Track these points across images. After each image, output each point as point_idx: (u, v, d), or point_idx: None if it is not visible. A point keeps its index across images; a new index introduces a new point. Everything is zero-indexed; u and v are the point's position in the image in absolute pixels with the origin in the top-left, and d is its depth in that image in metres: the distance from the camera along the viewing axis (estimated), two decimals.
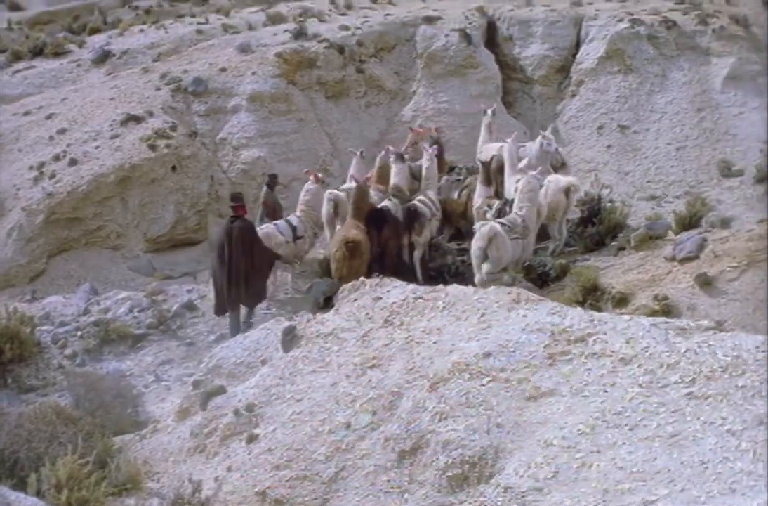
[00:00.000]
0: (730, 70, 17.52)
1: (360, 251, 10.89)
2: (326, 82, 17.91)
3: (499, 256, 10.36)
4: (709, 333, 5.25)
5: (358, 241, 10.92)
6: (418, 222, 11.99)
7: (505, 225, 10.53)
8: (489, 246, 10.27)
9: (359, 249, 10.89)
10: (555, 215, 11.78)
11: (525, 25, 19.36)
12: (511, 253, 10.56)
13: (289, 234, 12.18)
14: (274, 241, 11.83)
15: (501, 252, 10.34)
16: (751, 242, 9.02)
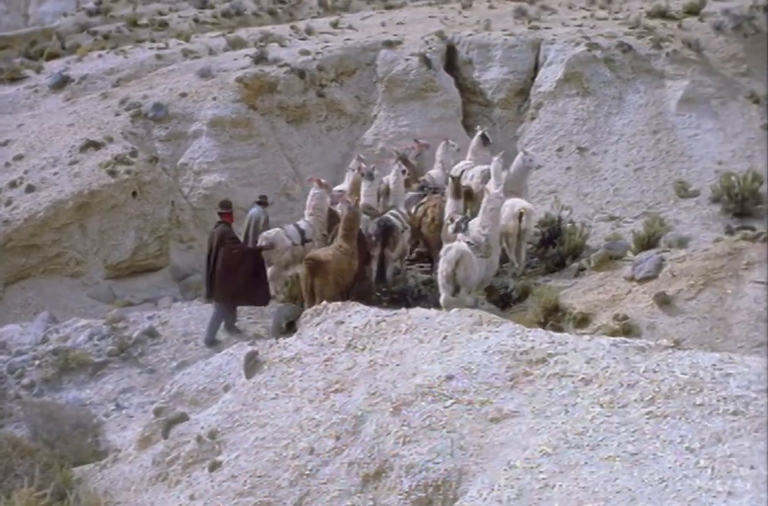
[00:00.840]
0: (684, 93, 17.86)
1: (324, 271, 10.76)
2: (287, 107, 17.98)
3: (467, 276, 10.36)
4: (667, 352, 5.29)
5: (320, 260, 10.82)
6: (392, 236, 12.18)
7: (471, 244, 10.57)
8: (457, 267, 10.26)
9: (321, 268, 10.76)
10: (509, 239, 11.91)
11: (484, 49, 19.62)
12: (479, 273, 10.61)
13: (298, 238, 12.60)
14: (281, 245, 12.34)
15: (469, 272, 10.36)
16: (707, 261, 9.15)
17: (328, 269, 10.83)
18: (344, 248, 11.16)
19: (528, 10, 22.57)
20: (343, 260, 11.05)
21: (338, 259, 11.01)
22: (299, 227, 12.84)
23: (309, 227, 12.84)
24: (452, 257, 10.23)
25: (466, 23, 21.87)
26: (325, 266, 10.81)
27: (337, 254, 11.06)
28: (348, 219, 11.35)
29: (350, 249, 11.18)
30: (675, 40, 19.25)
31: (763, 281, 8.70)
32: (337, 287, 10.97)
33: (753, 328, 8.29)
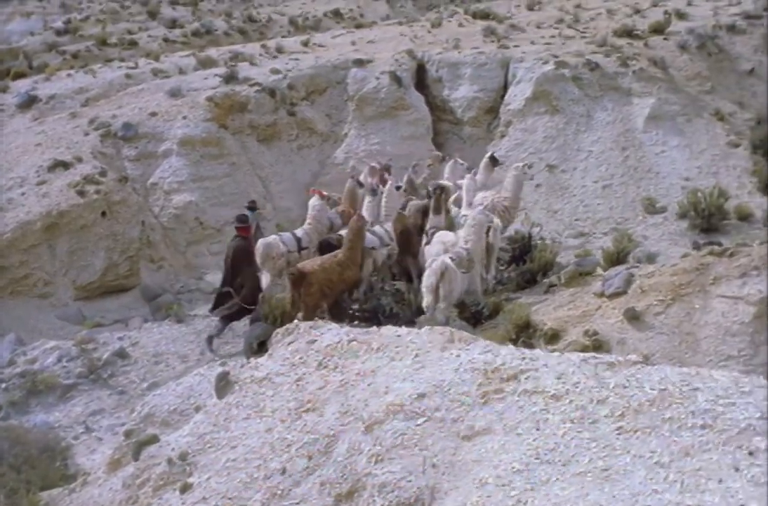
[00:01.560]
0: (650, 111, 18.08)
1: (307, 282, 10.85)
2: (258, 126, 17.97)
3: (451, 290, 10.50)
4: (636, 367, 5.33)
5: (302, 271, 10.90)
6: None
7: (453, 259, 10.70)
8: (441, 280, 10.42)
9: (304, 279, 10.85)
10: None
11: (454, 67, 19.77)
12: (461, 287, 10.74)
13: (294, 245, 12.80)
14: (276, 251, 12.44)
15: (452, 286, 10.50)
16: (675, 277, 9.23)
17: (311, 279, 10.91)
18: (340, 259, 11.28)
19: (497, 29, 22.80)
20: (334, 271, 11.13)
21: (326, 269, 11.10)
22: (296, 234, 13.05)
23: (306, 235, 13.04)
24: (437, 269, 10.38)
25: (435, 42, 22.03)
26: (308, 277, 10.90)
27: (326, 265, 11.17)
28: (353, 231, 11.44)
29: (347, 261, 11.29)
30: (641, 58, 19.52)
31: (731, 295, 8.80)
32: (324, 298, 11.13)
33: (720, 342, 8.36)
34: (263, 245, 12.45)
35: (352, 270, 11.42)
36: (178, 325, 12.91)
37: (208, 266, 15.49)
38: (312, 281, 10.94)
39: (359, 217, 11.78)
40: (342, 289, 11.50)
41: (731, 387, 4.72)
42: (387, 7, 40.95)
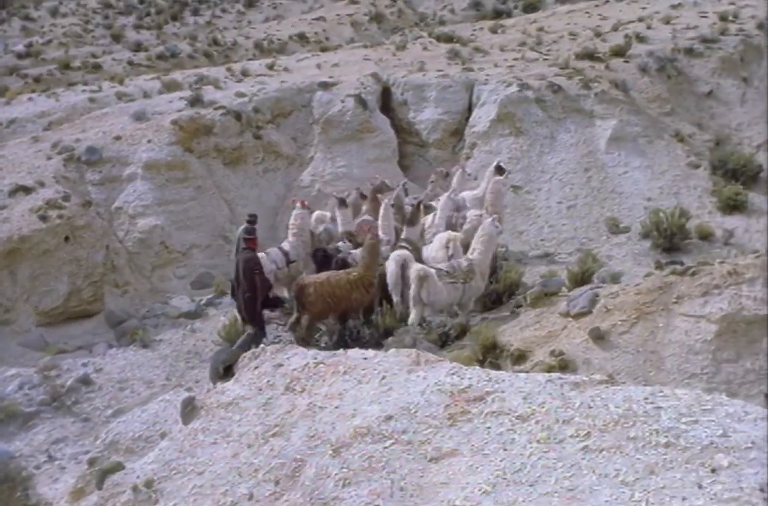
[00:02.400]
0: (612, 132, 18.32)
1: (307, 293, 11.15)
2: (223, 149, 17.93)
3: (432, 300, 10.97)
4: (601, 387, 5.37)
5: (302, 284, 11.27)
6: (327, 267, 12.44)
7: (443, 270, 11.10)
8: (421, 289, 10.83)
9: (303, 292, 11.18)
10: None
11: (419, 90, 19.93)
12: (447, 296, 11.11)
13: (282, 260, 13.03)
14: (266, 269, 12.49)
15: (432, 296, 10.91)
16: (639, 296, 9.33)
17: (310, 290, 11.16)
18: (352, 278, 11.39)
19: (461, 52, 23.08)
20: (342, 287, 11.26)
21: (332, 283, 11.27)
22: (282, 249, 13.23)
23: (292, 248, 13.25)
24: (415, 278, 10.85)
25: (400, 65, 22.22)
26: (307, 287, 11.19)
27: (333, 279, 11.35)
28: (368, 250, 11.56)
29: (358, 281, 11.38)
30: (603, 80, 19.82)
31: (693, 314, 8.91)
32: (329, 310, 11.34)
33: (684, 360, 8.45)
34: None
35: (363, 291, 11.44)
36: (144, 350, 12.78)
37: (174, 290, 15.38)
38: (310, 291, 11.17)
39: (374, 236, 11.80)
40: (349, 307, 11.51)
41: (694, 405, 4.77)
42: (352, 31, 41.26)
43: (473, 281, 11.38)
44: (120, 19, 44.83)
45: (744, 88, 20.83)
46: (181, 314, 14.12)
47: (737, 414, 4.63)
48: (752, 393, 8.14)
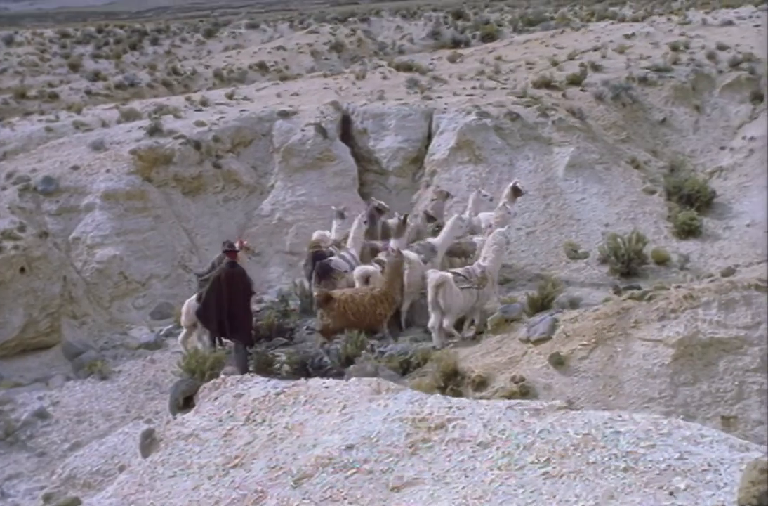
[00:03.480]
0: (570, 159, 18.58)
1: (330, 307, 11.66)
2: (183, 178, 17.85)
3: (448, 304, 11.38)
4: (561, 412, 5.40)
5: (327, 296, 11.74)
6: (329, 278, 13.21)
7: (460, 275, 11.66)
8: (437, 293, 11.33)
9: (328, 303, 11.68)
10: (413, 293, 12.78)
11: (378, 118, 20.05)
12: (462, 301, 11.58)
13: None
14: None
15: (448, 300, 11.36)
16: (598, 321, 9.43)
17: (333, 306, 11.69)
18: (375, 293, 11.95)
19: (420, 81, 23.33)
20: (368, 302, 11.81)
21: (355, 298, 11.82)
22: None
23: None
24: (433, 282, 11.34)
25: (360, 93, 22.38)
26: (332, 302, 11.72)
27: (357, 295, 11.89)
28: (391, 266, 12.14)
29: (382, 295, 11.94)
30: (560, 108, 20.14)
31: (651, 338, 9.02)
32: (349, 326, 11.67)
33: (642, 384, 8.55)
34: (186, 307, 12.85)
35: (387, 306, 11.99)
36: (102, 382, 12.58)
37: (134, 320, 15.20)
38: (334, 306, 11.72)
39: (397, 252, 12.30)
40: (374, 321, 12.00)
41: (651, 429, 4.82)
42: (312, 60, 41.57)
43: (486, 287, 12.04)
44: (78, 49, 44.71)
45: (696, 116, 21.31)
46: (141, 345, 13.97)
47: (694, 437, 4.69)
48: (709, 415, 8.25)
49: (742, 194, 18.11)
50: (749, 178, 18.41)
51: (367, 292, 11.97)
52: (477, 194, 16.09)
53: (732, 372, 8.52)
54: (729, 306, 9.02)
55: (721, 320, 8.88)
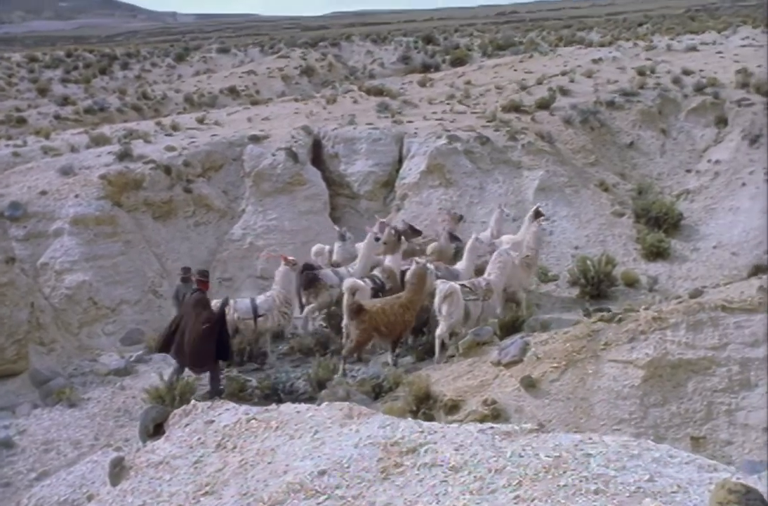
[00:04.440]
0: (539, 182, 18.79)
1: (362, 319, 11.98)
2: (153, 203, 17.75)
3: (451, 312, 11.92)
4: (532, 435, 5.42)
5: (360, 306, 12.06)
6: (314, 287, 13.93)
7: (466, 287, 12.25)
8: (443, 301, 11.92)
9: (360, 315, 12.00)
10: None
11: (349, 142, 20.16)
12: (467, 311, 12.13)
13: (248, 311, 13.23)
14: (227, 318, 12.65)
15: (452, 309, 11.89)
16: (568, 343, 9.48)
17: (365, 318, 11.98)
18: (402, 301, 12.30)
19: (391, 105, 23.52)
20: (395, 313, 12.14)
21: (386, 309, 12.12)
22: (254, 301, 13.50)
23: (264, 302, 13.42)
24: (442, 292, 11.94)
25: (331, 118, 22.49)
26: (364, 314, 12.00)
27: (387, 306, 12.19)
28: (416, 275, 12.46)
29: (408, 303, 12.30)
30: (529, 132, 20.38)
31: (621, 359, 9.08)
32: (379, 337, 12.15)
33: (613, 406, 8.59)
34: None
35: (412, 312, 12.36)
36: (71, 410, 12.39)
37: (103, 347, 15.01)
38: (366, 319, 11.99)
39: (423, 264, 12.71)
40: (403, 329, 12.35)
41: (621, 451, 4.85)
42: (283, 84, 41.72)
43: (491, 299, 12.57)
44: (46, 73, 44.52)
45: (663, 139, 21.66)
46: (110, 372, 13.78)
47: (663, 458, 4.72)
48: (679, 436, 8.31)
49: (708, 216, 18.40)
50: (715, 200, 18.71)
51: (395, 301, 12.38)
52: (499, 212, 16.36)
53: (701, 393, 8.60)
54: (697, 327, 9.12)
55: (689, 341, 8.98)
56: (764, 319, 8.94)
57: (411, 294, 12.42)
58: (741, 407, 8.40)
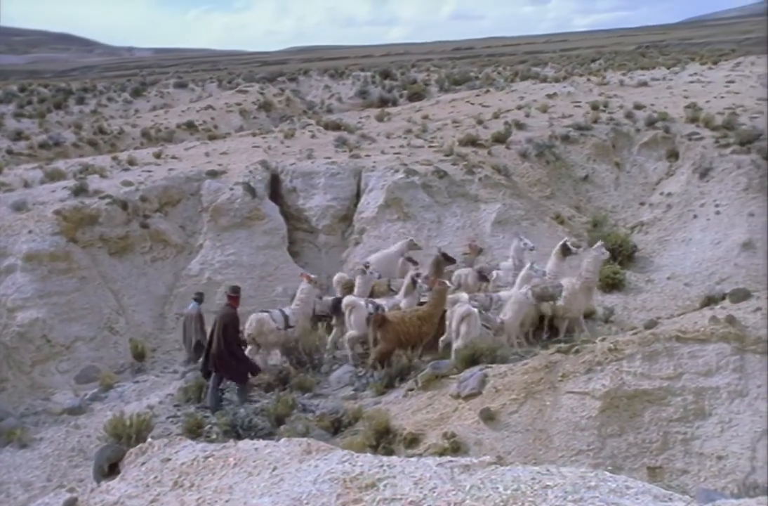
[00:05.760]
0: (497, 215, 18.99)
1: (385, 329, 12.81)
2: (109, 239, 17.60)
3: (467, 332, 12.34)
4: (491, 468, 5.41)
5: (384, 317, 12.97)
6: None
7: (483, 313, 12.80)
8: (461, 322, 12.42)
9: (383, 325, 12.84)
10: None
11: (308, 177, 20.22)
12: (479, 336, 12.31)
13: (282, 322, 13.95)
14: (266, 327, 13.83)
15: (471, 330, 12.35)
16: (527, 375, 9.53)
17: (389, 328, 12.79)
18: (421, 314, 13.12)
19: (349, 139, 23.67)
20: (413, 324, 12.91)
21: (406, 322, 12.93)
22: (284, 312, 14.16)
23: (293, 314, 14.16)
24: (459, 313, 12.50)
25: (289, 152, 22.56)
26: (387, 325, 12.82)
27: (407, 318, 13.04)
28: (437, 292, 13.22)
29: (426, 316, 13.06)
30: (486, 166, 20.64)
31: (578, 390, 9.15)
32: (400, 346, 12.64)
33: (571, 437, 8.62)
34: (256, 321, 13.80)
35: (429, 325, 13.02)
36: (22, 450, 12.09)
37: (57, 385, 14.71)
38: (389, 329, 12.78)
39: (443, 282, 13.51)
40: (419, 340, 13.00)
41: (578, 482, 4.86)
42: (241, 119, 41.81)
43: (501, 337, 12.91)
44: None
45: (617, 172, 22.07)
46: (65, 411, 13.51)
47: (619, 489, 4.74)
48: (636, 466, 8.36)
49: (662, 247, 18.72)
50: (668, 232, 19.06)
51: (414, 314, 13.22)
52: (518, 241, 16.43)
53: (657, 423, 8.67)
54: (652, 358, 9.23)
55: (645, 371, 9.07)
56: (717, 349, 9.08)
57: (430, 308, 13.18)
58: (696, 436, 8.49)
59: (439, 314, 13.27)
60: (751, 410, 8.56)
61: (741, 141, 20.46)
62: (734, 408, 8.62)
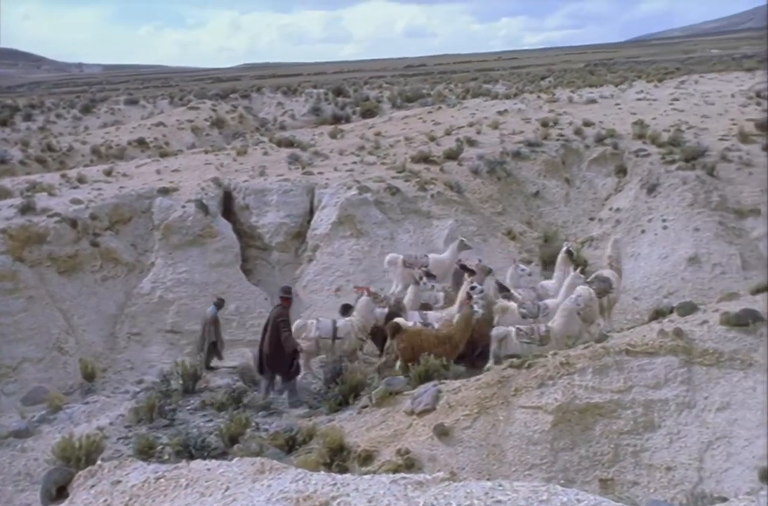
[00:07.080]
0: (449, 231, 19.12)
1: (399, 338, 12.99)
2: (58, 258, 17.32)
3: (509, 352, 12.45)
4: (444, 484, 5.42)
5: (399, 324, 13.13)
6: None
7: (522, 331, 12.96)
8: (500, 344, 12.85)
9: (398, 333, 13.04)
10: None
11: (260, 194, 20.18)
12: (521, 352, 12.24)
13: (329, 332, 14.25)
14: (304, 333, 14.14)
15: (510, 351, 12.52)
16: (480, 390, 9.57)
17: (402, 337, 12.99)
18: (442, 333, 13.17)
19: (301, 156, 23.69)
20: (429, 341, 12.90)
21: (420, 335, 13.05)
22: (335, 323, 14.38)
23: (345, 326, 14.33)
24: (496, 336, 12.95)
25: (241, 169, 22.51)
26: (401, 333, 13.04)
27: (424, 332, 13.23)
28: (464, 316, 13.26)
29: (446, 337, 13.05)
30: (438, 182, 20.79)
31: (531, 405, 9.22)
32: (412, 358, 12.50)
33: (524, 451, 8.68)
34: (296, 327, 14.06)
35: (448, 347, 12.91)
36: None
37: (2, 407, 14.38)
38: (403, 338, 12.96)
39: (469, 307, 13.39)
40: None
41: (531, 497, 4.90)
42: (193, 136, 41.59)
43: (548, 345, 12.74)
44: None
45: (567, 188, 22.39)
46: (10, 434, 13.16)
47: (570, 502, 4.79)
48: (588, 478, 8.44)
49: None
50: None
51: (436, 333, 13.25)
52: (515, 268, 16.44)
53: (608, 436, 8.77)
54: (603, 371, 9.34)
55: (595, 385, 9.18)
56: (665, 361, 9.23)
57: (454, 331, 13.20)
58: (645, 448, 8.60)
59: (464, 338, 13.26)
60: (698, 421, 8.71)
61: (686, 157, 20.92)
62: (682, 419, 8.76)
